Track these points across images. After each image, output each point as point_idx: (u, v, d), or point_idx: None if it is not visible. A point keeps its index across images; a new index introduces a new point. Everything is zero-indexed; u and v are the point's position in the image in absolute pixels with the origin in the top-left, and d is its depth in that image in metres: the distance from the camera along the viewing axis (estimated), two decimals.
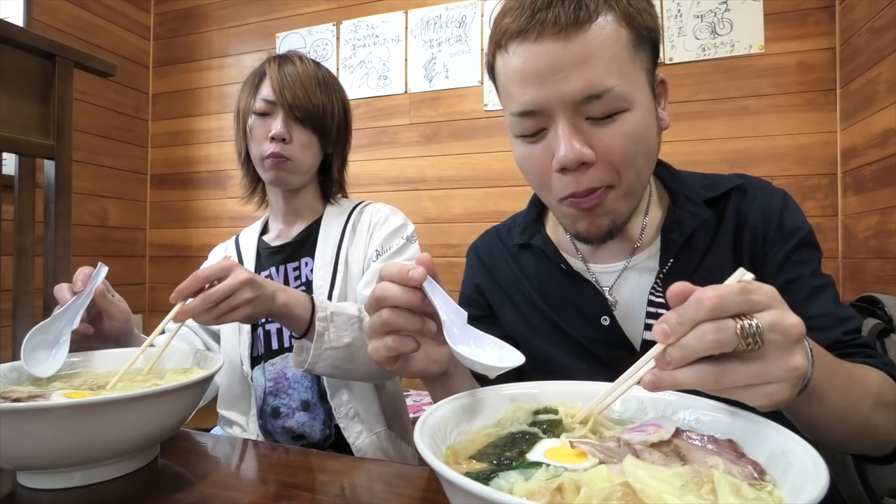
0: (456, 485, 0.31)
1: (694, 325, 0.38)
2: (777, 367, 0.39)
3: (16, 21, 2.38)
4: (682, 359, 0.39)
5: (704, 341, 0.38)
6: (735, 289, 0.39)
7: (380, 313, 0.53)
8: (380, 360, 0.55)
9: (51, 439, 0.52)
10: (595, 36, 0.59)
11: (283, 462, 0.68)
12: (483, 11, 2.49)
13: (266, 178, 1.11)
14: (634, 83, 0.62)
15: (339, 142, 1.15)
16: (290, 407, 1.04)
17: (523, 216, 0.86)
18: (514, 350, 0.52)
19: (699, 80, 2.19)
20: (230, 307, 0.74)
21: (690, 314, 0.39)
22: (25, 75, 1.13)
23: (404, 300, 0.52)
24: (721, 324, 0.38)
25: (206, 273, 0.74)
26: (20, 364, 0.70)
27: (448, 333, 0.50)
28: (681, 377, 0.39)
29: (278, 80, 1.05)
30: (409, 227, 1.14)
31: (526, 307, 0.79)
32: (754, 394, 0.40)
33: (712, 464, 0.38)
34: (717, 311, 0.38)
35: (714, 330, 0.38)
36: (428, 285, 0.52)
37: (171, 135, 3.12)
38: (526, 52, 0.61)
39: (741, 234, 0.71)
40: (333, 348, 0.87)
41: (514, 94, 0.64)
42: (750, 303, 0.39)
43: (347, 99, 1.16)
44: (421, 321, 0.53)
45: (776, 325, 0.38)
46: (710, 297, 0.38)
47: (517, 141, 0.67)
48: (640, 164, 0.64)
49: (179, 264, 3.03)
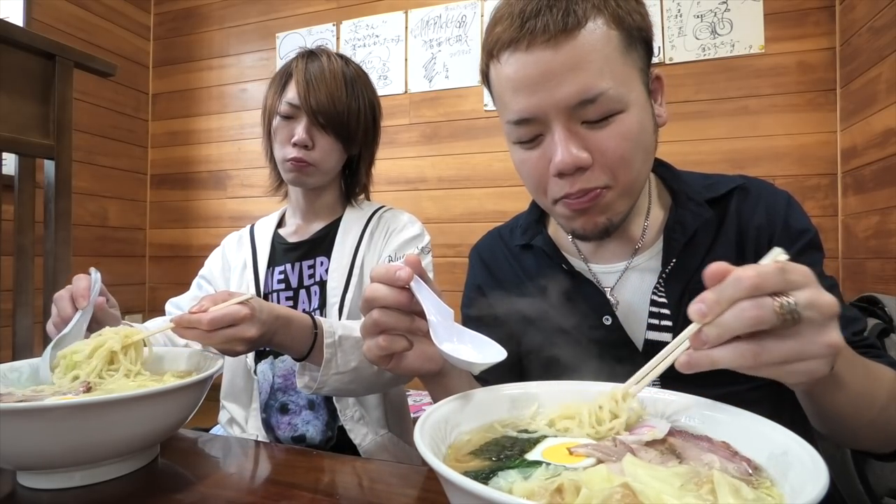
0: (456, 484, 0.31)
1: (732, 303, 0.39)
2: (814, 344, 0.39)
3: (16, 21, 2.38)
4: (719, 337, 0.39)
5: (743, 318, 0.38)
6: (773, 268, 0.39)
7: (371, 314, 0.55)
8: (373, 359, 0.56)
9: (51, 439, 0.52)
10: (585, 41, 0.60)
11: (283, 462, 0.68)
12: (483, 11, 2.49)
13: (287, 178, 1.11)
14: (628, 84, 0.62)
15: (366, 143, 1.13)
16: (298, 405, 1.04)
17: (525, 217, 0.86)
18: (496, 345, 0.53)
19: (699, 80, 2.19)
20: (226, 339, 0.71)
21: (729, 293, 0.39)
22: (25, 75, 1.13)
23: (392, 300, 0.54)
24: (759, 301, 0.38)
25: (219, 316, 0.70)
26: (20, 364, 0.70)
27: (433, 332, 0.52)
28: (717, 355, 0.40)
29: (304, 84, 1.03)
30: (426, 239, 1.13)
31: (528, 307, 0.79)
32: (791, 370, 0.40)
33: (707, 461, 0.38)
34: (755, 289, 0.38)
35: (753, 307, 0.38)
36: (415, 285, 0.53)
37: (171, 135, 3.12)
38: (518, 62, 0.62)
39: (744, 234, 0.71)
40: (340, 373, 0.86)
41: (508, 102, 0.64)
42: (787, 282, 0.39)
43: (376, 96, 1.14)
44: (409, 320, 0.55)
45: (813, 303, 0.39)
46: (749, 276, 0.38)
47: (515, 147, 0.68)
48: (638, 163, 0.65)
49: (179, 264, 3.03)
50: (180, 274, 3.00)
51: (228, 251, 1.19)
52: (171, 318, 0.71)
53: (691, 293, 0.68)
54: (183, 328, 0.69)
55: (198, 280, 1.18)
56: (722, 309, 0.39)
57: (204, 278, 1.18)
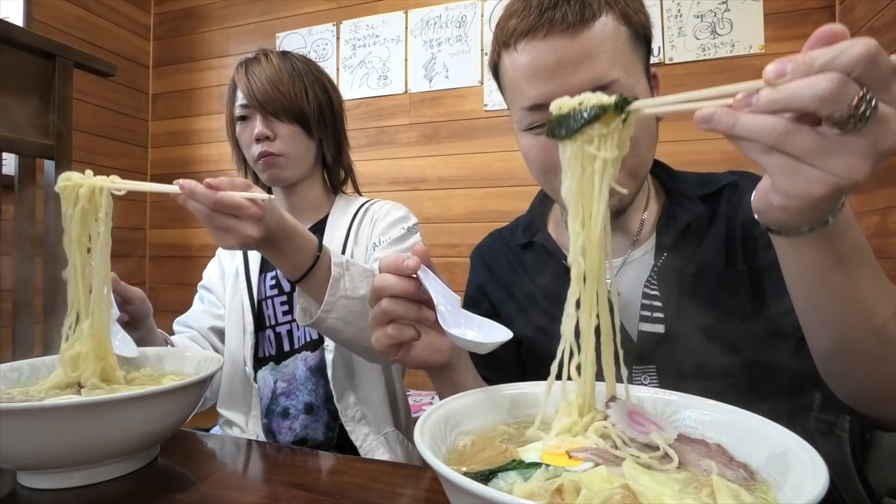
0: (456, 485, 0.31)
1: (822, 70, 0.33)
2: (843, 158, 0.35)
3: (16, 21, 2.38)
4: (769, 103, 0.35)
5: (815, 88, 0.33)
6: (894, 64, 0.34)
7: (379, 303, 0.56)
8: (382, 349, 0.57)
9: (51, 439, 0.52)
10: (598, 33, 0.64)
11: (283, 462, 0.68)
12: (483, 11, 2.49)
13: (263, 179, 1.12)
14: (635, 76, 0.66)
15: (326, 125, 1.12)
16: (297, 409, 1.04)
17: (525, 216, 0.88)
18: (502, 327, 0.54)
19: (699, 80, 2.19)
20: (224, 227, 0.68)
21: (828, 59, 0.33)
22: (25, 75, 1.13)
23: (400, 289, 0.55)
24: (849, 81, 0.33)
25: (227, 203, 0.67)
26: (20, 364, 0.71)
27: (442, 319, 0.53)
28: (744, 121, 0.36)
29: (247, 84, 1.06)
30: (412, 220, 1.13)
31: (529, 306, 0.80)
32: (797, 171, 0.36)
33: (706, 466, 0.38)
34: (859, 64, 0.32)
35: (835, 82, 0.32)
36: (422, 273, 0.55)
37: (171, 135, 3.12)
38: (535, 49, 0.65)
39: (733, 227, 0.73)
40: (349, 298, 0.82)
41: (523, 88, 0.67)
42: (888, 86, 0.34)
43: (326, 76, 1.14)
44: (417, 308, 0.56)
45: (886, 122, 0.34)
46: (866, 48, 0.32)
47: (525, 134, 0.71)
48: (644, 147, 0.68)
49: (179, 264, 3.03)
50: (180, 274, 3.00)
51: (223, 259, 1.19)
52: (180, 182, 0.67)
53: (682, 286, 0.72)
54: (188, 196, 0.67)
55: (200, 293, 1.18)
56: (804, 74, 0.33)
57: (205, 288, 1.18)
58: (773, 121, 0.35)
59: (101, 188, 0.66)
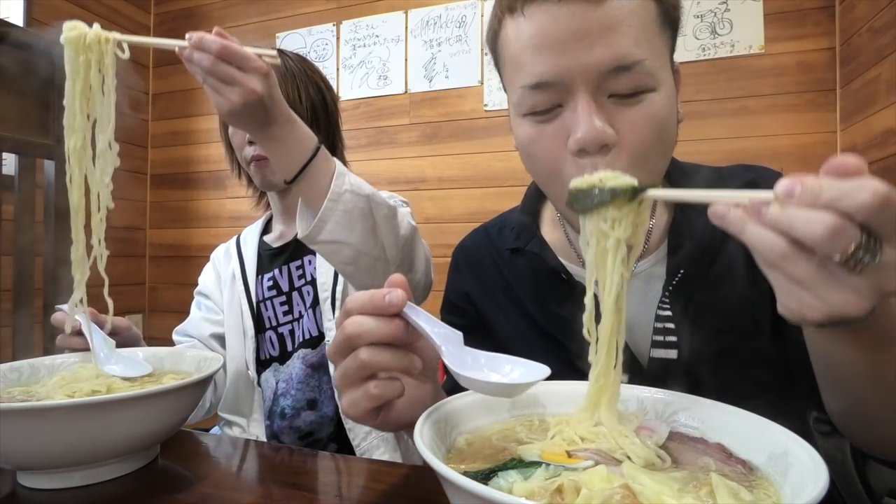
0: (456, 484, 0.31)
1: (825, 207, 0.32)
2: (840, 292, 0.33)
3: (16, 21, 2.38)
4: (773, 222, 0.34)
5: (810, 227, 0.32)
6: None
7: (355, 355, 0.44)
8: (358, 416, 0.46)
9: (51, 439, 0.52)
10: (626, 3, 0.53)
11: (283, 462, 0.68)
12: (483, 11, 2.49)
13: (257, 182, 1.11)
14: (662, 61, 0.57)
15: (318, 126, 1.10)
16: (296, 408, 1.04)
17: (517, 216, 0.78)
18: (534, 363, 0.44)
19: (699, 81, 2.19)
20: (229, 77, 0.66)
21: (833, 196, 0.31)
22: (25, 75, 1.13)
23: (385, 333, 0.43)
24: (848, 227, 0.31)
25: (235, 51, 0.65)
26: (20, 364, 0.71)
27: (450, 362, 0.42)
28: (750, 231, 0.35)
29: None
30: (399, 197, 1.09)
31: (519, 318, 0.72)
32: (793, 293, 0.35)
33: (703, 464, 0.38)
34: (862, 211, 0.31)
35: (830, 227, 0.31)
36: (409, 310, 0.43)
37: (171, 135, 3.12)
38: (546, 14, 0.53)
39: None
40: (354, 193, 0.76)
41: (527, 63, 0.55)
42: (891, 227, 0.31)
43: (322, 78, 1.12)
44: (407, 356, 0.45)
45: (893, 268, 0.32)
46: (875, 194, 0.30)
47: (524, 121, 0.59)
48: (656, 156, 0.58)
49: (179, 264, 3.03)
50: (180, 274, 3.00)
51: (219, 264, 1.19)
52: (190, 35, 0.66)
53: (697, 305, 0.63)
54: (195, 47, 0.65)
55: (197, 299, 1.18)
56: (812, 204, 0.32)
57: (202, 294, 1.17)
58: (775, 242, 0.34)
59: (106, 38, 0.68)
